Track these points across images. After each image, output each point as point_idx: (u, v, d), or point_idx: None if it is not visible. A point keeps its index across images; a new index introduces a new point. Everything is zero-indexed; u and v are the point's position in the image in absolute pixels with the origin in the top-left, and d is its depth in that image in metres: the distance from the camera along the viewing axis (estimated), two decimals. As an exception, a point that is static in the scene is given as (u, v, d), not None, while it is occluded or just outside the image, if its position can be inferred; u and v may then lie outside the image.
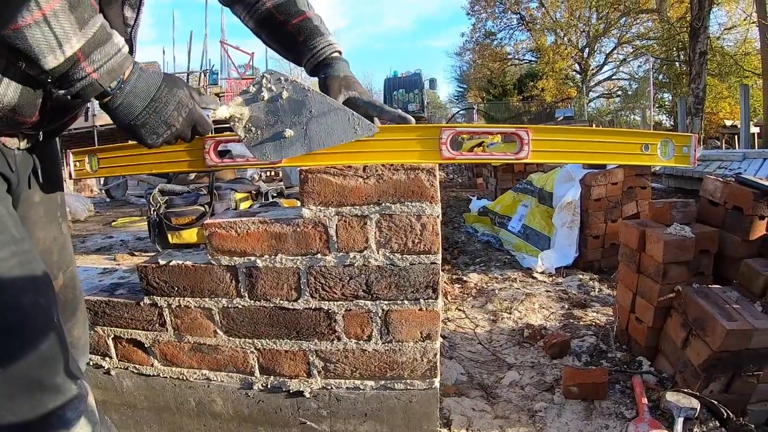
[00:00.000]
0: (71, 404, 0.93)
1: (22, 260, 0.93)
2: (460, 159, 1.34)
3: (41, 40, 0.79)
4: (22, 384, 0.89)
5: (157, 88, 0.96)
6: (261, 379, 1.50)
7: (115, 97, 0.92)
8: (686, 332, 1.86)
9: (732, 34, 23.08)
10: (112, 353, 1.60)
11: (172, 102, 0.98)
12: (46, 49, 0.80)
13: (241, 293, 1.43)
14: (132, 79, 0.93)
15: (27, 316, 0.91)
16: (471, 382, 2.09)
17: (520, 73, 34.10)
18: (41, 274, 0.97)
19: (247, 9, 1.34)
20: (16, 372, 0.88)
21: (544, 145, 1.31)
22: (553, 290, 3.28)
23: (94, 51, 0.85)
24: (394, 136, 1.31)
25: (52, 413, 0.90)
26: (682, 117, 14.19)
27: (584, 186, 3.74)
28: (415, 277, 1.36)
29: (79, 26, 0.82)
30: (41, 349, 0.91)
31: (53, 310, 0.97)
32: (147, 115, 0.96)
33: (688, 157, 1.31)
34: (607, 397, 1.89)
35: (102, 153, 1.49)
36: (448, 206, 6.87)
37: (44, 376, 0.91)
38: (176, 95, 0.98)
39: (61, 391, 0.93)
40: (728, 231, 2.05)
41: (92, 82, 0.87)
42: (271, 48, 1.41)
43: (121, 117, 0.95)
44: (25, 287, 0.92)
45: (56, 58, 0.81)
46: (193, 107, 1.02)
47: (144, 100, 0.95)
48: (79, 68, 0.85)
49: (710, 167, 6.57)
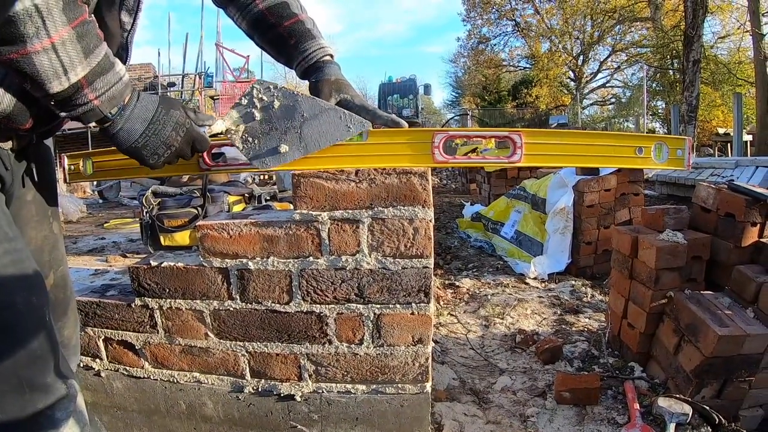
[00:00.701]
0: (61, 404, 0.93)
1: (14, 259, 0.93)
2: (452, 163, 1.34)
3: (48, 66, 0.83)
4: (13, 383, 0.88)
5: (155, 111, 1.01)
6: (252, 383, 1.50)
7: (115, 122, 0.98)
8: (678, 338, 1.86)
9: (725, 42, 23.31)
10: (102, 355, 1.59)
11: (170, 123, 1.03)
12: (52, 75, 0.84)
13: (232, 295, 1.43)
14: (131, 104, 0.99)
15: (19, 316, 0.91)
16: (463, 387, 2.08)
17: (515, 80, 34.26)
18: (33, 273, 0.97)
19: (240, 10, 1.34)
20: (6, 371, 0.87)
21: (537, 149, 1.31)
22: (545, 296, 3.28)
23: (97, 79, 0.90)
24: (387, 140, 1.31)
25: (41, 413, 0.90)
26: (675, 124, 14.27)
27: (577, 192, 3.75)
28: (407, 281, 1.35)
29: (85, 55, 0.87)
30: (32, 349, 0.91)
31: (45, 310, 0.96)
32: (147, 137, 1.01)
33: (683, 160, 1.30)
34: (599, 403, 1.89)
35: (97, 156, 1.49)
36: (441, 211, 6.88)
37: (34, 375, 0.91)
38: (173, 116, 1.03)
39: (50, 391, 0.92)
40: (720, 237, 2.06)
41: (93, 108, 0.93)
42: (263, 50, 1.42)
43: (122, 140, 1.01)
44: (17, 286, 0.92)
45: (61, 84, 0.85)
46: (190, 126, 1.07)
47: (143, 123, 1.00)
48: (81, 94, 0.89)
49: (703, 174, 6.61)
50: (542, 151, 1.31)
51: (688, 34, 13.68)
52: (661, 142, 1.31)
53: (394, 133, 1.31)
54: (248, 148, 1.21)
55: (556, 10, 29.74)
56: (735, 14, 22.05)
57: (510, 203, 4.80)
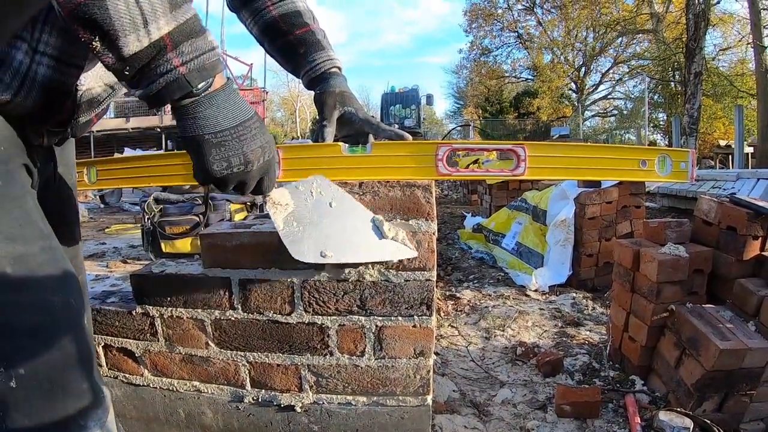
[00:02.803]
0: (94, 414, 0.86)
1: (52, 257, 0.86)
2: (456, 176, 1.34)
3: (124, 12, 0.67)
4: (45, 388, 0.82)
5: (249, 117, 0.84)
6: (252, 393, 1.49)
7: (200, 102, 0.79)
8: (679, 351, 1.86)
9: (727, 55, 23.40)
10: (102, 362, 1.58)
11: (261, 139, 0.86)
12: (128, 26, 0.67)
13: (234, 305, 1.43)
14: (224, 90, 0.81)
15: (56, 317, 0.84)
16: (463, 400, 2.08)
17: (517, 91, 34.37)
18: (71, 274, 0.89)
19: (253, 15, 1.34)
20: (39, 374, 0.81)
21: (541, 162, 1.30)
22: (546, 308, 3.28)
23: (185, 41, 0.73)
24: (391, 153, 1.31)
25: (72, 421, 0.84)
26: (676, 137, 14.31)
27: (579, 205, 3.75)
28: (409, 294, 1.35)
29: (171, 7, 0.71)
30: (69, 353, 0.84)
31: (83, 314, 0.90)
32: (227, 137, 0.82)
33: (686, 173, 1.30)
34: (600, 416, 1.88)
35: (101, 165, 1.48)
36: (442, 222, 6.89)
37: (69, 381, 0.84)
38: (267, 136, 0.88)
39: (84, 399, 0.86)
40: (722, 251, 2.06)
41: (178, 78, 0.74)
42: (272, 57, 1.42)
43: (198, 125, 0.80)
44: (55, 286, 0.85)
45: (139, 40, 0.69)
46: (274, 155, 0.92)
47: (232, 120, 0.82)
48: (164, 59, 0.72)
49: (704, 187, 6.62)
50: (546, 164, 1.30)
51: (689, 47, 13.75)
52: (664, 155, 1.31)
53: (397, 146, 1.31)
54: (289, 231, 1.14)
55: (559, 21, 29.90)
56: (736, 26, 22.23)
57: (511, 215, 4.80)
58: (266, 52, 1.42)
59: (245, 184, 0.90)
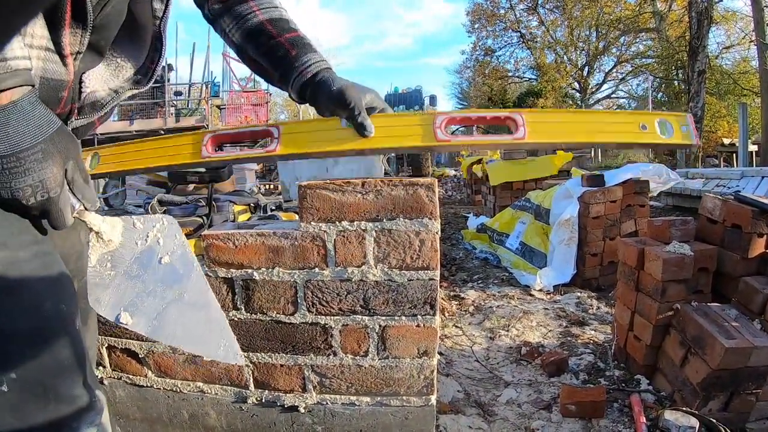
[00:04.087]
0: (87, 417, 0.87)
1: (44, 263, 0.86)
2: (455, 142, 1.25)
3: None
4: (37, 392, 0.82)
5: (28, 147, 0.74)
6: (255, 393, 1.49)
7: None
8: (685, 350, 1.85)
9: (730, 53, 23.34)
10: (105, 363, 1.59)
11: (35, 175, 0.76)
12: None
13: (237, 306, 1.43)
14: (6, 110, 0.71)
15: (47, 322, 0.84)
16: (468, 400, 2.07)
17: (520, 91, 34.33)
18: (64, 279, 0.89)
19: (236, 19, 1.29)
20: (32, 379, 0.81)
21: (540, 127, 1.23)
22: (550, 308, 3.27)
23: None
24: (388, 124, 1.24)
25: (64, 424, 0.84)
26: (680, 135, 14.22)
27: (583, 203, 3.74)
28: (413, 293, 1.35)
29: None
30: (60, 358, 0.85)
31: (75, 319, 0.90)
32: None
33: (689, 134, 1.25)
34: (605, 416, 1.87)
35: (103, 150, 1.41)
36: (446, 223, 6.88)
37: (61, 385, 0.85)
38: (46, 171, 0.76)
39: (76, 403, 0.86)
40: (727, 249, 2.05)
41: None
42: (254, 63, 1.35)
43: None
44: (46, 291, 0.85)
45: None
46: (56, 196, 0.80)
47: (4, 146, 0.71)
48: None
49: (709, 185, 6.60)
50: (546, 129, 1.24)
51: (693, 45, 13.73)
52: (663, 119, 1.26)
53: (396, 117, 1.25)
54: (99, 271, 0.94)
55: (561, 21, 29.89)
56: (740, 24, 22.15)
57: (515, 215, 4.80)
58: (246, 58, 1.36)
59: (20, 214, 0.82)
